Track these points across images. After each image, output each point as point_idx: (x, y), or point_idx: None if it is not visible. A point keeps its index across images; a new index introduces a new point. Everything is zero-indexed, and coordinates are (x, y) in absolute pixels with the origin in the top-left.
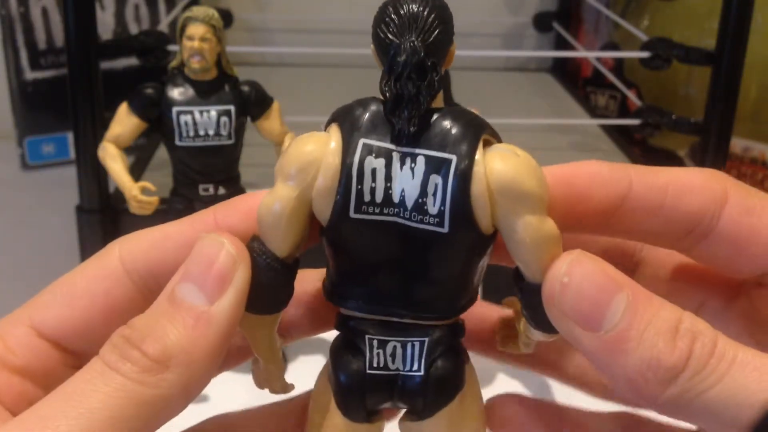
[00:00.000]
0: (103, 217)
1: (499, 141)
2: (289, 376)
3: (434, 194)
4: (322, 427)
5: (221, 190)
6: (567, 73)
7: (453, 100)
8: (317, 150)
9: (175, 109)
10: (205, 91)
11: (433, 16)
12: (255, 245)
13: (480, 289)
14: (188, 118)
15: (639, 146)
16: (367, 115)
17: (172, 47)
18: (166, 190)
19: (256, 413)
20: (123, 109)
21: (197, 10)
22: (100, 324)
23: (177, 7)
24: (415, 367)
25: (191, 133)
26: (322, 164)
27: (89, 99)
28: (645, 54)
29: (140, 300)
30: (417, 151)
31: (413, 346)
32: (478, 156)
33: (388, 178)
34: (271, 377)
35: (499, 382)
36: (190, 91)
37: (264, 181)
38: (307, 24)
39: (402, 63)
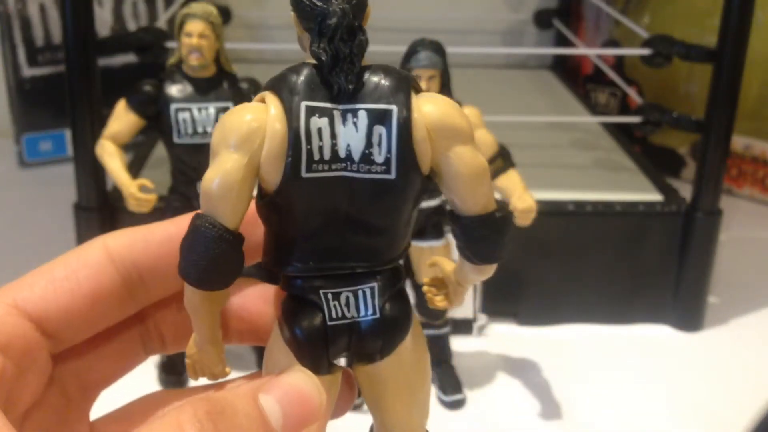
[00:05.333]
0: (100, 215)
1: (420, 90)
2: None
3: (379, 144)
4: None
5: None
6: (567, 71)
7: (453, 97)
8: (258, 117)
9: (173, 107)
10: (204, 88)
11: None
12: (201, 221)
13: None
14: (186, 115)
15: (639, 144)
16: (302, 78)
17: (170, 44)
18: (164, 188)
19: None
20: (121, 106)
21: (196, 7)
22: (84, 309)
23: (175, 3)
24: (370, 311)
25: (189, 131)
26: (267, 130)
27: (87, 96)
28: (646, 51)
29: (123, 290)
30: (357, 106)
31: (364, 293)
32: (412, 103)
33: (333, 135)
34: (211, 361)
35: (500, 381)
36: (189, 88)
37: None
38: None
39: (333, 26)
